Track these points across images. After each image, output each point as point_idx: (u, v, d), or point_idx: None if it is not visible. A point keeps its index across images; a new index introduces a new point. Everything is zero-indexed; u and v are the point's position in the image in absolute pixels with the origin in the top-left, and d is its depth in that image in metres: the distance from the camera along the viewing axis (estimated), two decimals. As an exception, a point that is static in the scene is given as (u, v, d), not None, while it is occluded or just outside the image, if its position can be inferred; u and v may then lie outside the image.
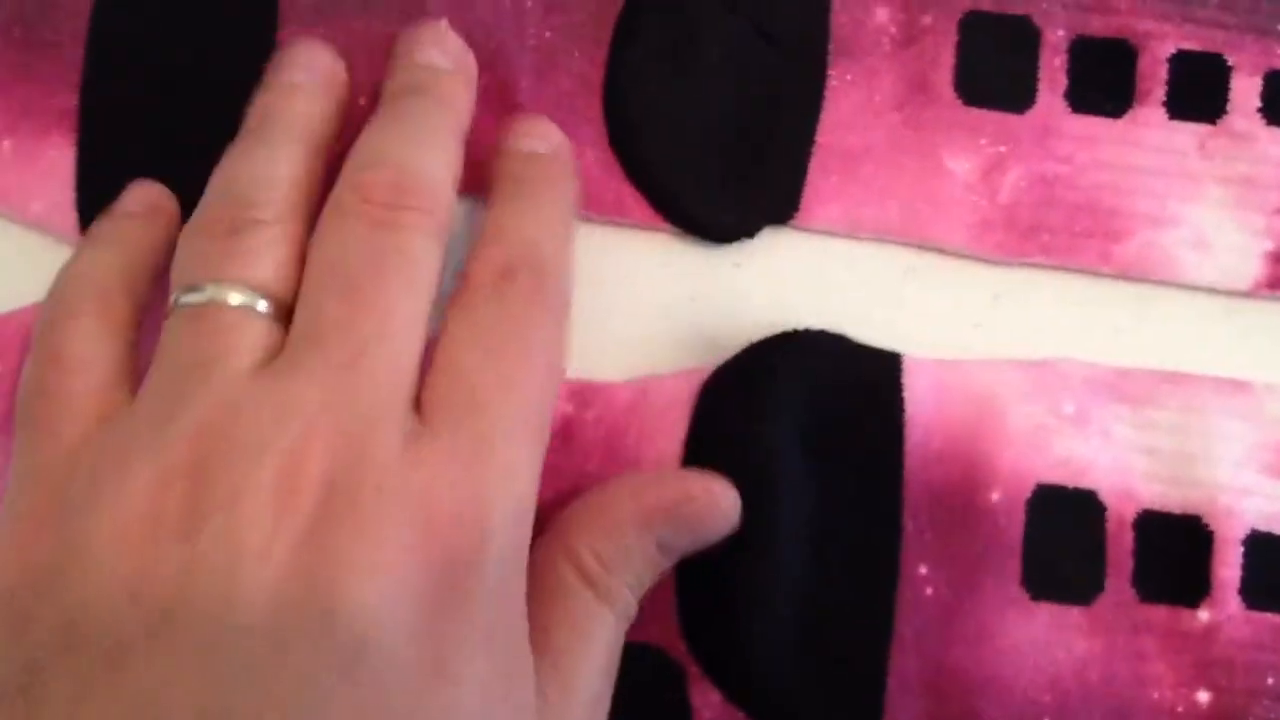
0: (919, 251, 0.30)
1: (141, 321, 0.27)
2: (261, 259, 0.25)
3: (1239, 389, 0.29)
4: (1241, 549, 0.28)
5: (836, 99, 0.30)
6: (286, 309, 0.25)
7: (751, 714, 0.27)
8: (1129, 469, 0.28)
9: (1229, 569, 0.27)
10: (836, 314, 0.29)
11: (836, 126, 0.29)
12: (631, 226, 0.30)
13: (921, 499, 0.28)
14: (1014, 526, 0.28)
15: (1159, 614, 0.27)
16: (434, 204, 0.25)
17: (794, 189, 0.29)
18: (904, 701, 0.27)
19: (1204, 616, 0.27)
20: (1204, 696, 0.27)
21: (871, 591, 0.27)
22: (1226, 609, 0.27)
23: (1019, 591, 0.27)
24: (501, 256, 0.25)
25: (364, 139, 0.26)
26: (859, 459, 0.28)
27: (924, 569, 0.28)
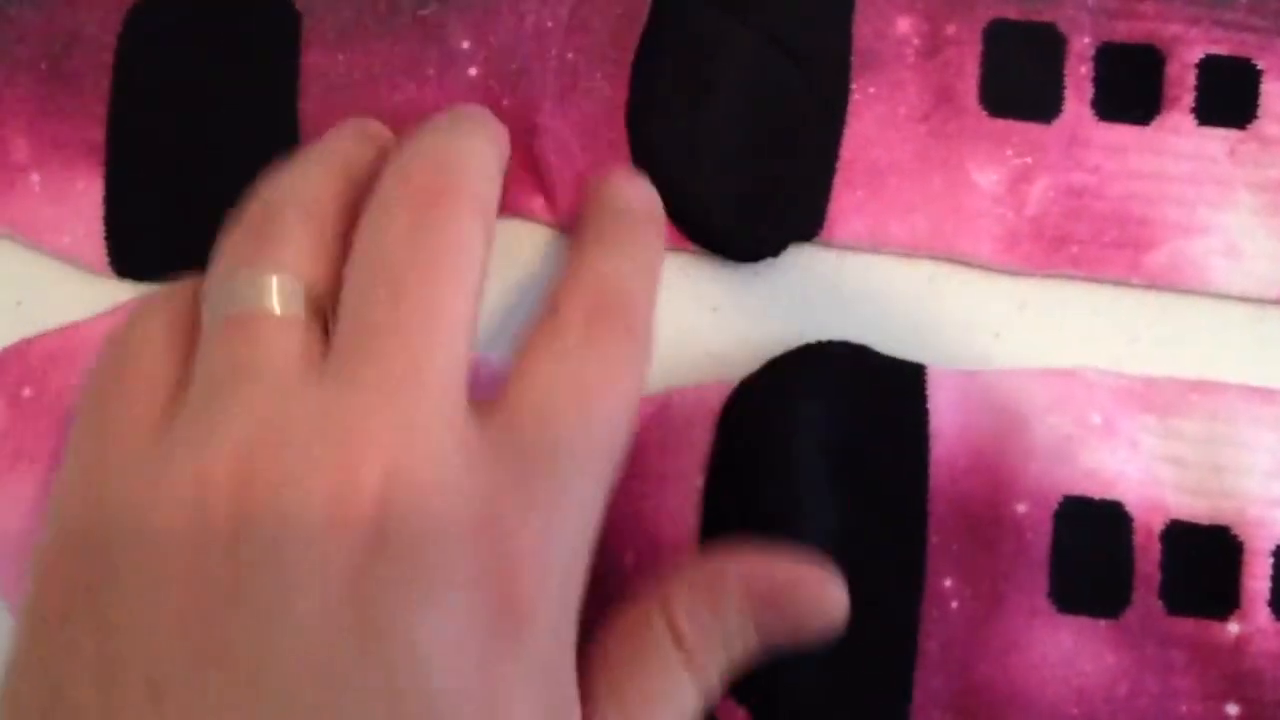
0: (941, 261, 0.30)
1: None
2: (290, 246, 0.24)
3: (1269, 398, 0.28)
4: (1271, 560, 0.27)
5: (860, 113, 0.29)
6: (322, 300, 0.24)
7: (779, 730, 0.27)
8: (1157, 480, 0.28)
9: (1258, 581, 0.27)
10: (859, 325, 0.29)
11: (860, 140, 0.29)
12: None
13: (946, 512, 0.28)
14: (1041, 539, 0.28)
15: (1187, 627, 0.27)
16: (478, 182, 0.24)
17: (818, 205, 0.29)
18: (930, 715, 0.27)
19: (1233, 629, 0.27)
20: (1233, 710, 0.27)
21: (896, 605, 0.28)
22: (1256, 621, 0.27)
23: (1046, 604, 0.28)
24: (595, 297, 0.24)
25: (402, 142, 0.26)
26: (883, 472, 0.28)
27: (949, 582, 0.28)
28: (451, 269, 0.23)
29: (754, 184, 0.29)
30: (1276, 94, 0.29)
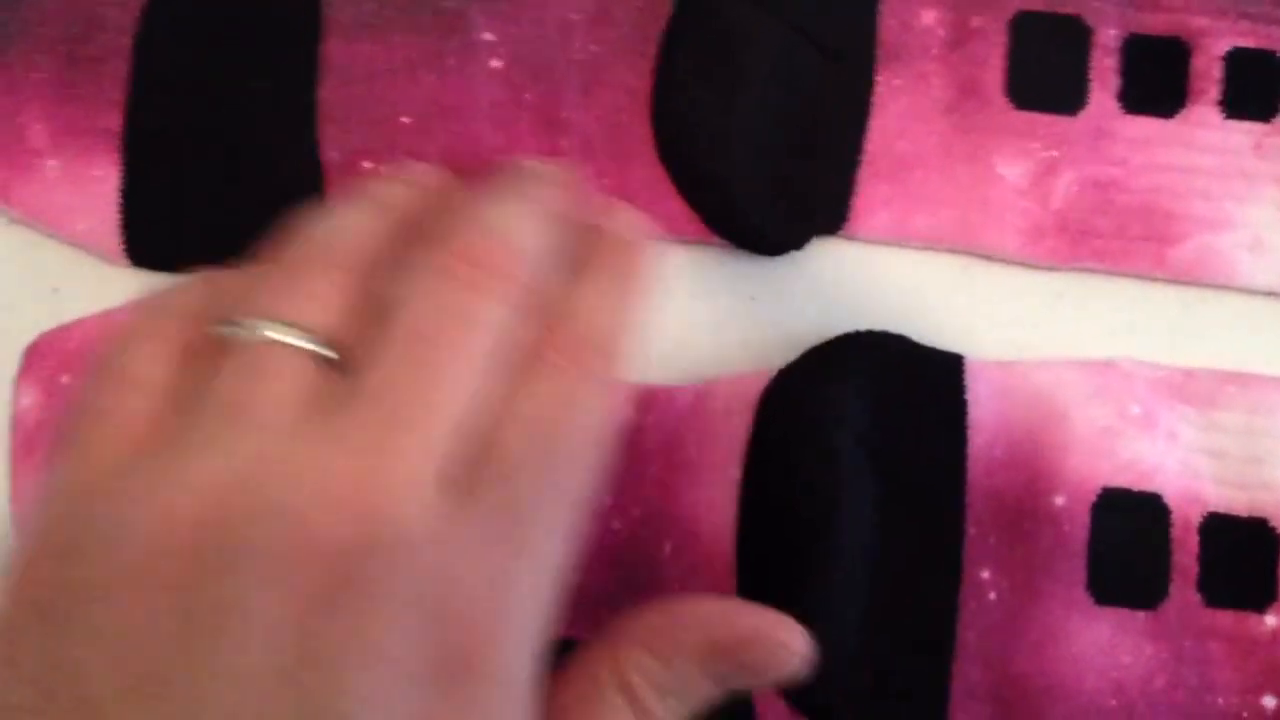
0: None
1: None
2: (319, 299, 0.24)
3: None
4: None
5: (885, 105, 0.29)
6: (336, 350, 0.24)
7: (814, 720, 0.27)
8: (1195, 472, 0.28)
9: None
10: (895, 315, 0.29)
11: (885, 133, 0.29)
12: (679, 241, 0.29)
13: (984, 503, 0.28)
14: (1078, 530, 0.28)
15: (1225, 619, 0.27)
16: (527, 277, 0.24)
17: (843, 199, 0.29)
18: (968, 706, 0.27)
19: (1271, 621, 0.27)
20: (1271, 702, 0.27)
21: (934, 596, 0.27)
22: None
23: (1083, 596, 0.27)
24: (576, 339, 0.25)
25: (468, 201, 0.26)
26: (921, 463, 0.28)
27: (986, 573, 0.27)
28: (479, 350, 0.23)
29: (779, 177, 0.29)
30: (1303, 87, 0.29)
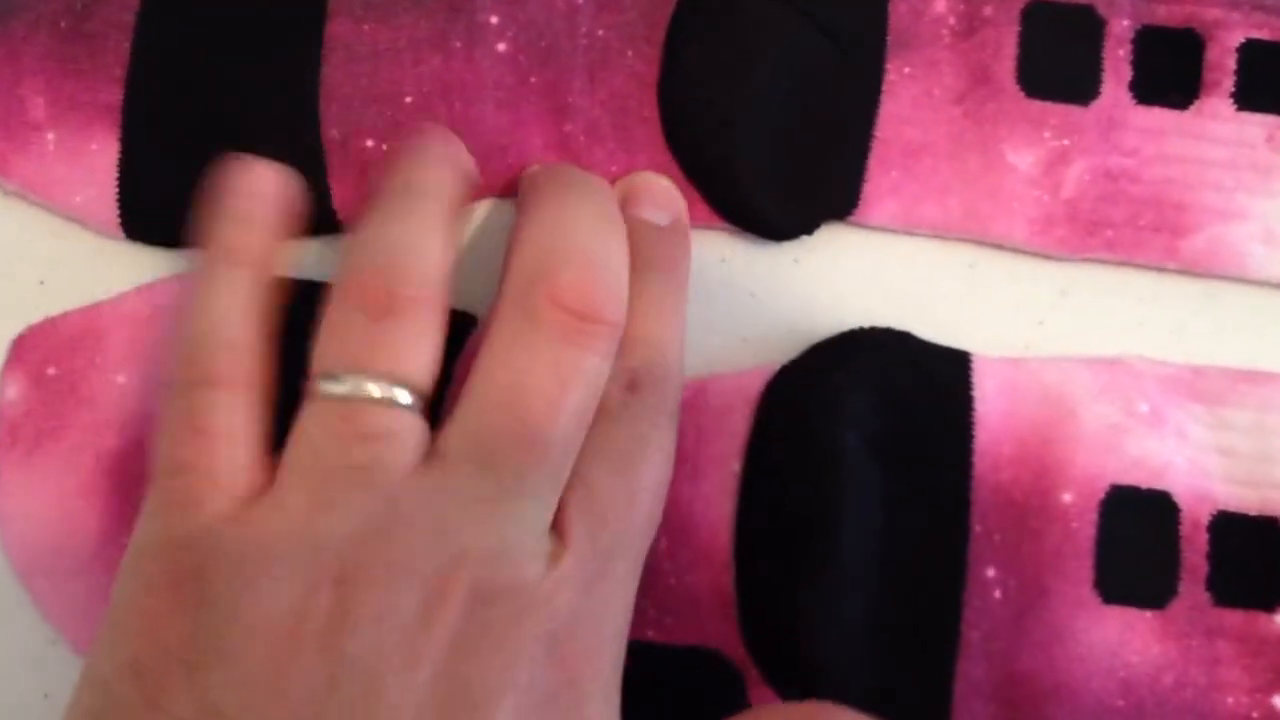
0: (982, 247, 0.29)
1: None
2: (414, 350, 0.24)
3: None
4: None
5: (895, 92, 0.29)
6: (430, 398, 0.25)
7: (813, 718, 0.27)
8: (1205, 470, 0.27)
9: None
10: (899, 311, 0.29)
11: (895, 120, 0.29)
12: (695, 227, 0.29)
13: (990, 501, 0.27)
14: (1086, 528, 0.27)
15: (1234, 618, 0.27)
16: (621, 313, 0.25)
17: (853, 185, 0.29)
18: (973, 705, 0.27)
19: None
20: None
21: (938, 595, 0.27)
22: None
23: (1091, 594, 0.27)
24: (629, 368, 0.25)
25: (537, 225, 0.25)
26: (927, 460, 0.28)
27: (992, 571, 0.27)
28: (580, 404, 0.24)
29: (788, 162, 0.29)
30: (1317, 80, 0.29)
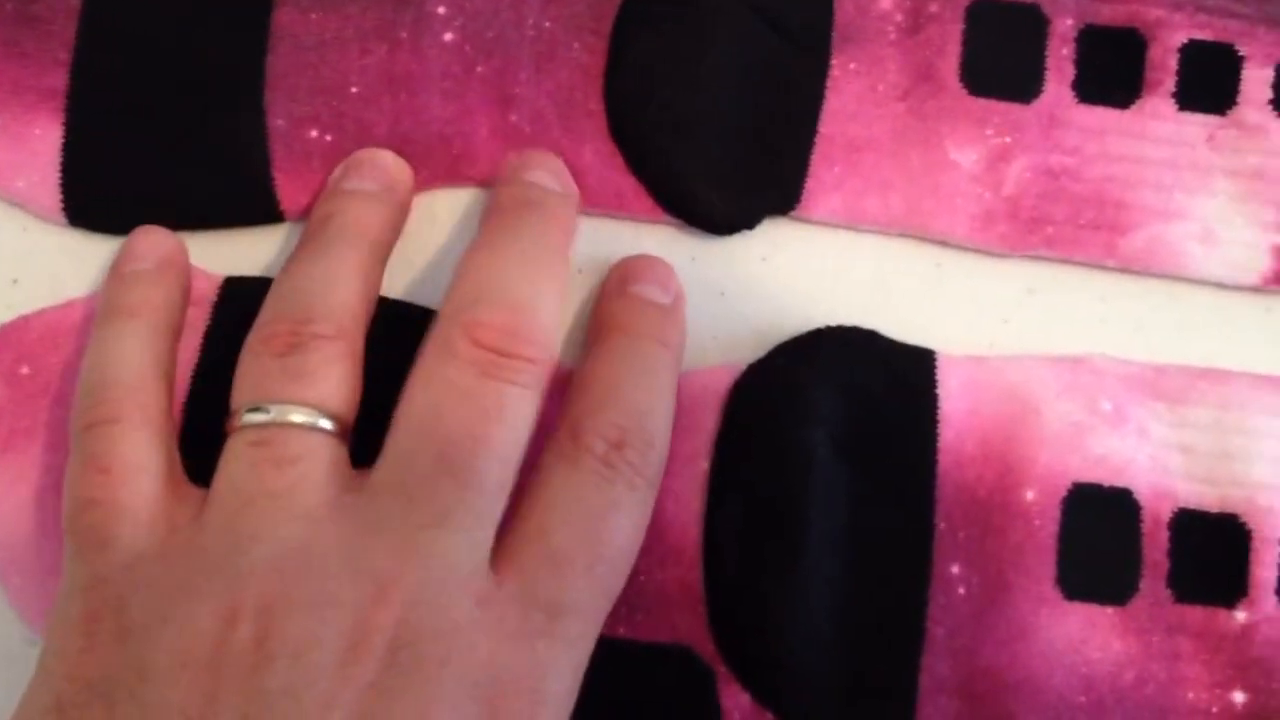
0: (948, 247, 0.29)
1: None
2: (325, 378, 0.25)
3: (1278, 386, 0.28)
4: (1279, 549, 0.27)
5: (839, 88, 0.29)
6: (349, 427, 0.25)
7: (782, 715, 0.27)
8: (1166, 467, 0.28)
9: (1266, 569, 0.27)
10: (866, 309, 0.29)
11: (839, 116, 0.29)
12: (640, 220, 0.29)
13: (954, 498, 0.27)
14: (1049, 525, 0.27)
15: (1195, 614, 0.27)
16: (544, 352, 0.25)
17: (796, 179, 0.29)
18: (937, 702, 0.27)
19: (1240, 617, 0.27)
20: (1239, 697, 0.27)
21: (903, 591, 0.27)
22: (1263, 609, 0.27)
23: (1053, 591, 0.27)
24: (616, 426, 0.25)
25: (474, 258, 0.26)
26: (892, 458, 0.28)
27: (956, 568, 0.27)
28: (504, 439, 0.24)
29: (731, 156, 0.29)
30: (1257, 81, 0.29)
